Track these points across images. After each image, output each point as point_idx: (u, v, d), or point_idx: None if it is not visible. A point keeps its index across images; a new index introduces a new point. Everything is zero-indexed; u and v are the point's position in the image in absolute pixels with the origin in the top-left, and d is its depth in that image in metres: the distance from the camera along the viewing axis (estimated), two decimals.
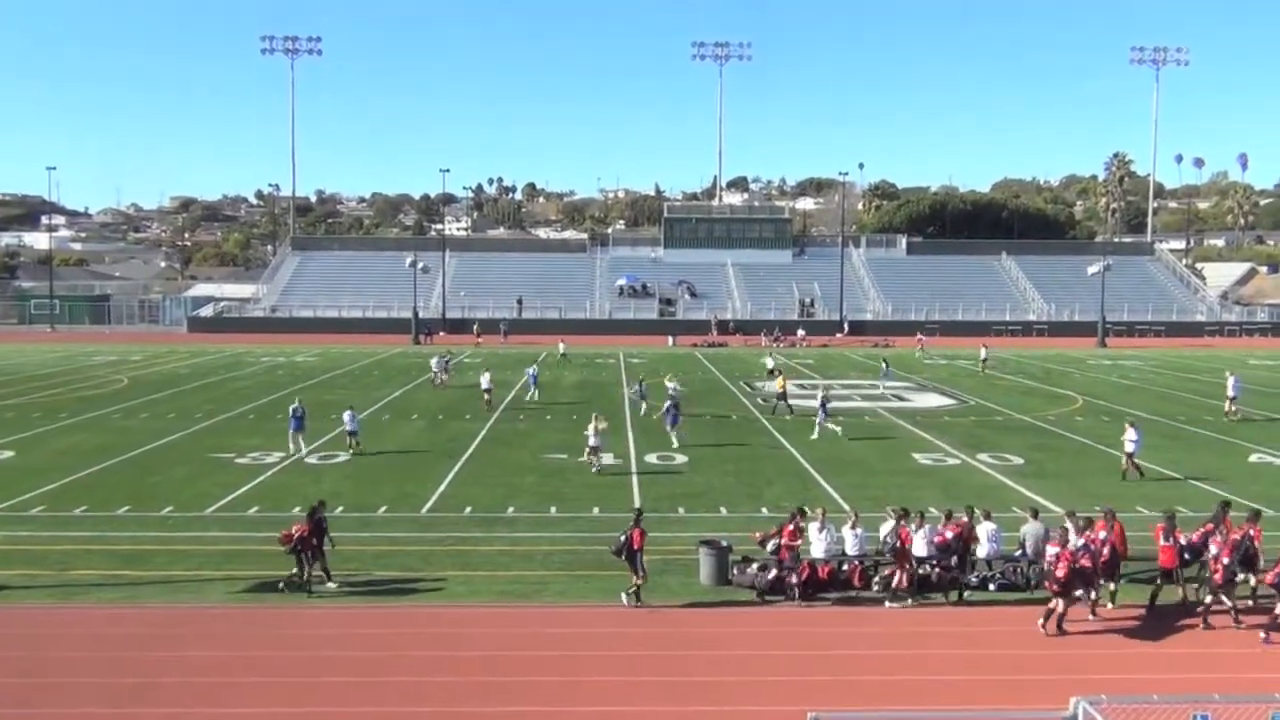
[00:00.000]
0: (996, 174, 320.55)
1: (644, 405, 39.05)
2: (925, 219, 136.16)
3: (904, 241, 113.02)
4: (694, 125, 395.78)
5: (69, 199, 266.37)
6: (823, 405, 34.98)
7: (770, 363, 53.03)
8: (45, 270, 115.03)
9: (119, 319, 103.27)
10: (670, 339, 79.42)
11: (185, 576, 18.63)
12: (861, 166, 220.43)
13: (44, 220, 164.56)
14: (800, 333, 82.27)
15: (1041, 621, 16.00)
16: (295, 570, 17.63)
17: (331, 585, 17.77)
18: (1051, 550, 16.41)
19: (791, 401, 39.84)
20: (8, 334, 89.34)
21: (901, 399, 45.09)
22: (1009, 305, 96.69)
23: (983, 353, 60.92)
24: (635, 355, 66.27)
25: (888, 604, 17.39)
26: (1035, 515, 19.31)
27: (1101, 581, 16.88)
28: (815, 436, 33.81)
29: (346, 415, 31.92)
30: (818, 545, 18.45)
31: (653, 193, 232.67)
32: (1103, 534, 17.08)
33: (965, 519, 18.31)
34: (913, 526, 17.90)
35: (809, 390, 48.46)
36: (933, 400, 44.87)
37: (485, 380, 41.61)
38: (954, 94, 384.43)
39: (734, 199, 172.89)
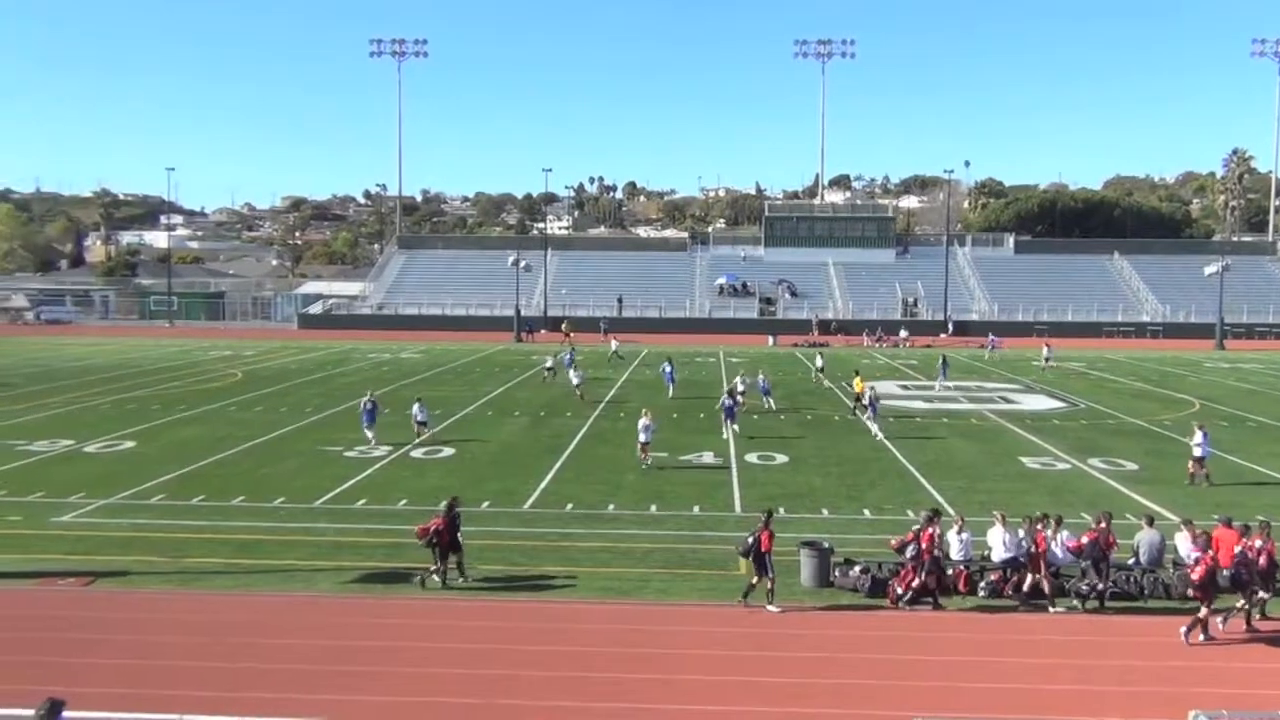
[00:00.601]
0: (1108, 171, 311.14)
1: (768, 401, 40.63)
2: (1034, 217, 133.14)
3: (1011, 240, 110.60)
4: (796, 123, 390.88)
5: (187, 199, 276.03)
6: (872, 405, 35.13)
7: (820, 361, 53.34)
8: (164, 268, 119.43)
9: (233, 315, 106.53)
10: (770, 339, 78.99)
11: (296, 566, 19.11)
12: (968, 164, 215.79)
13: (163, 220, 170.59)
14: (903, 333, 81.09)
15: (1185, 631, 15.45)
16: (435, 564, 17.93)
17: (436, 580, 18.01)
18: (1193, 554, 15.86)
19: (898, 403, 39.30)
20: (129, 329, 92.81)
21: (1009, 401, 44.12)
22: (1122, 306, 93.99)
23: (1045, 351, 60.93)
24: (735, 355, 66.03)
25: (1052, 609, 16.97)
26: (1150, 523, 18.74)
27: (1257, 592, 16.22)
28: (875, 434, 33.93)
29: (415, 407, 33.56)
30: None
31: (753, 191, 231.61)
32: (1259, 542, 16.42)
33: (1103, 524, 17.68)
34: (1049, 532, 17.48)
35: (912, 391, 47.78)
36: (1042, 403, 43.80)
37: (575, 377, 43.41)
38: (1064, 89, 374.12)
39: (836, 197, 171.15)
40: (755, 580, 16.95)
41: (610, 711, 13.04)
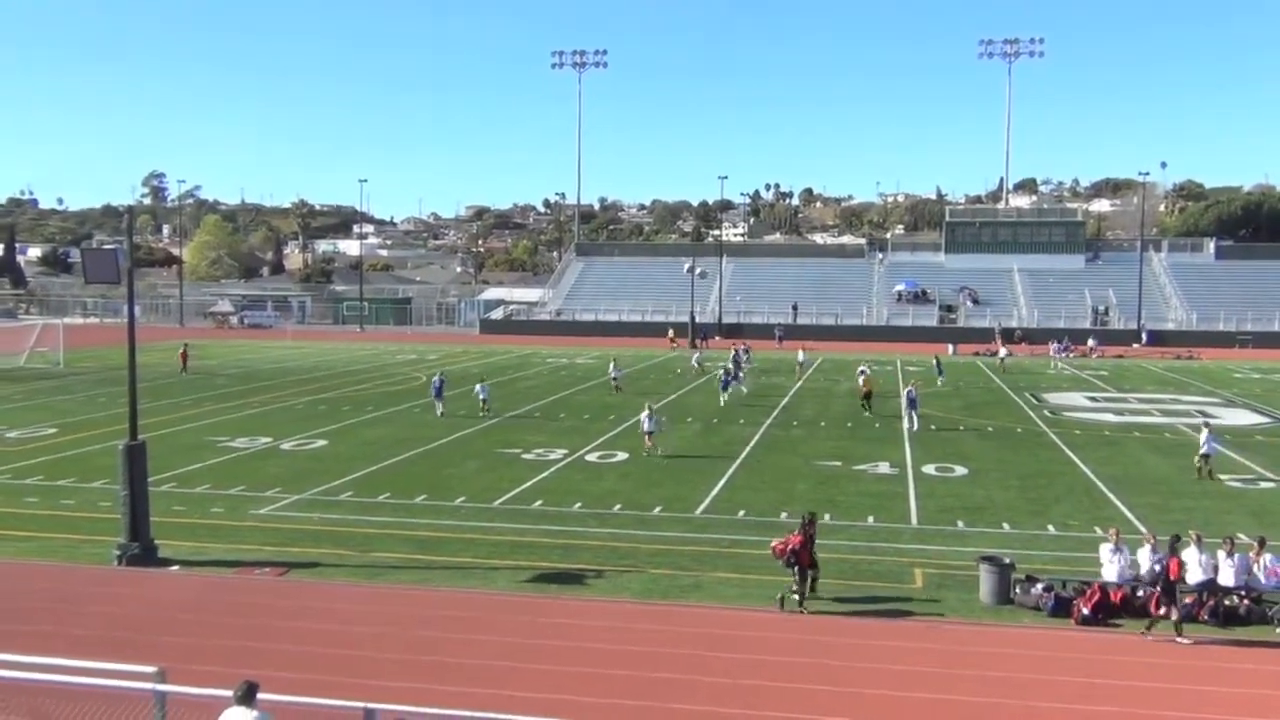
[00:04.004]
0: None
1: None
2: (1237, 221, 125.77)
3: (1212, 245, 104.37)
4: (979, 126, 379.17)
5: (378, 209, 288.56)
6: (912, 402, 36.76)
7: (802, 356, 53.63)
8: (356, 275, 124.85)
9: (419, 320, 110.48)
10: (950, 347, 76.88)
11: (475, 563, 19.68)
12: (1164, 165, 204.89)
13: (355, 229, 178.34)
14: (1091, 342, 77.61)
15: None
16: (795, 582, 17.27)
17: (795, 599, 17.22)
18: None
19: (1086, 415, 37.72)
20: (323, 333, 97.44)
21: (1208, 415, 41.74)
22: None
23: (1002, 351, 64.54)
24: (913, 364, 64.50)
25: None
26: None
27: None
28: (910, 427, 36.00)
29: (478, 386, 40.50)
30: (1110, 568, 17.36)
31: (934, 196, 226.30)
32: None
33: None
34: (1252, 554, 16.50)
35: (1101, 403, 45.80)
36: (1244, 417, 41.31)
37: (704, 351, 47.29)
38: (1270, 84, 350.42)
39: (1021, 201, 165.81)
40: (1163, 611, 15.93)
41: None
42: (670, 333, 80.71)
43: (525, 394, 46.85)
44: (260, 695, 9.50)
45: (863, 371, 44.07)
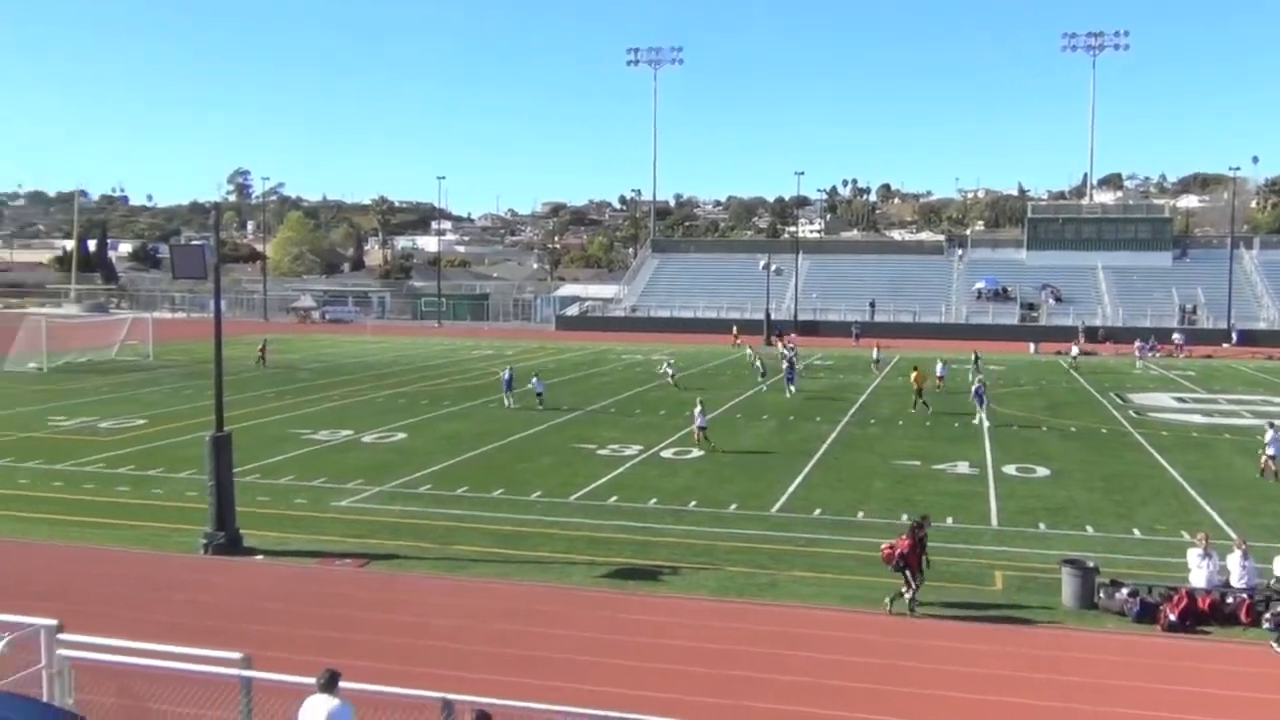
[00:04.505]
0: None
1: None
2: None
3: None
4: (1062, 120, 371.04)
5: (456, 205, 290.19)
6: (979, 394, 37.96)
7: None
8: (434, 271, 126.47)
9: (495, 316, 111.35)
10: (1032, 346, 75.49)
11: (552, 558, 19.81)
12: (1256, 160, 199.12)
13: (434, 225, 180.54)
14: (1177, 338, 75.37)
15: None
16: (903, 586, 16.88)
17: (904, 601, 16.82)
18: None
19: (1173, 416, 36.78)
20: (402, 328, 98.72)
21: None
22: None
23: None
24: (995, 363, 63.46)
25: None
26: None
27: None
28: (981, 422, 36.78)
29: (534, 380, 40.94)
30: (1198, 574, 16.92)
31: (1015, 192, 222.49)
32: None
33: None
34: None
35: (1189, 404, 44.63)
36: None
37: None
38: None
39: (1106, 197, 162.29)
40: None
41: None
42: (734, 329, 79.64)
43: (600, 390, 47.02)
44: (341, 684, 9.68)
45: (915, 367, 43.00)
